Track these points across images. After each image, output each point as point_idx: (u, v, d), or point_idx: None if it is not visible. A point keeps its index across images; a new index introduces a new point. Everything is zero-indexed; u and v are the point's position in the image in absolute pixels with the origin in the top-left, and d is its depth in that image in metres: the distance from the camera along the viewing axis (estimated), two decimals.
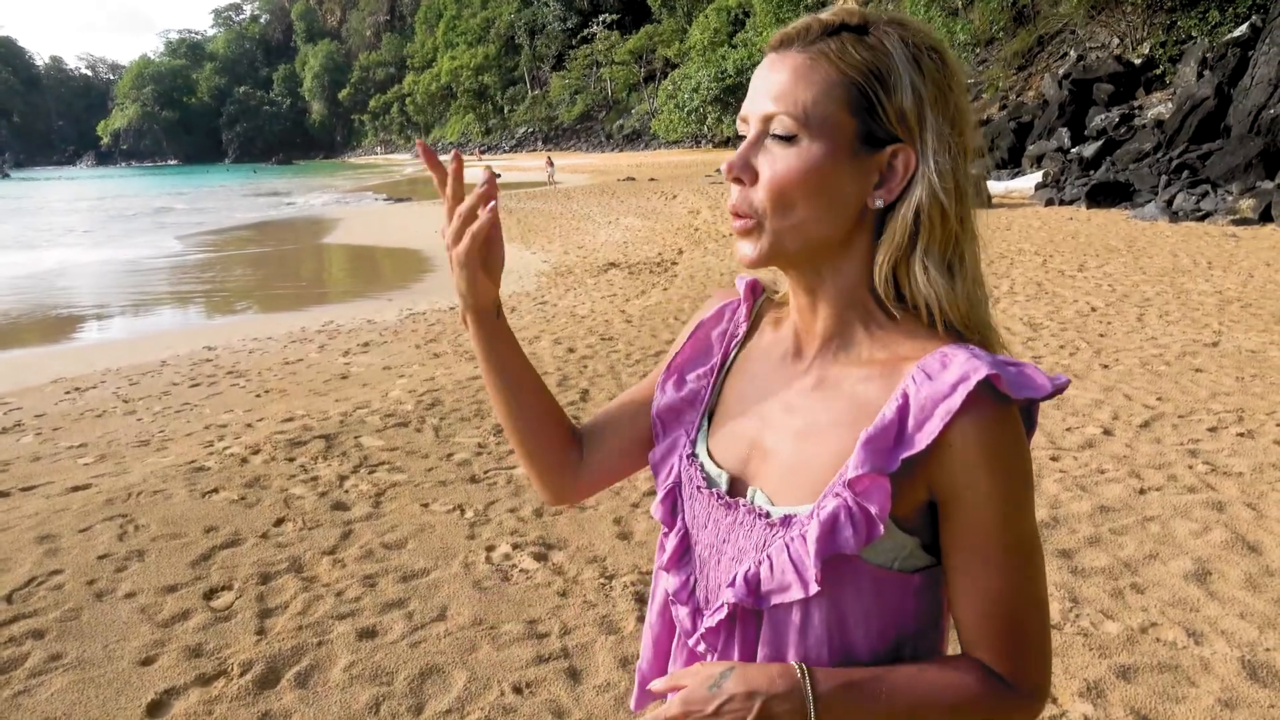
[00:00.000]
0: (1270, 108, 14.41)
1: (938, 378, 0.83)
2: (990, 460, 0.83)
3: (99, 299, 14.13)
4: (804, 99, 0.85)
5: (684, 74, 56.65)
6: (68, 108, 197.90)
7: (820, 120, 0.84)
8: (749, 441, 0.97)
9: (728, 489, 0.97)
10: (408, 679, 2.79)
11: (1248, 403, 5.08)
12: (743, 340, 1.05)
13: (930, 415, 0.83)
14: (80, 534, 3.96)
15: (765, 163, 0.86)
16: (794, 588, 0.89)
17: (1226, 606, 2.99)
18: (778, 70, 0.87)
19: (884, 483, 0.84)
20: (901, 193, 0.87)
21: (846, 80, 0.84)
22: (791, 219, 0.86)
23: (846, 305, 0.91)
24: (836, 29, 0.86)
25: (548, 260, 14.24)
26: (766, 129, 0.87)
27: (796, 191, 0.85)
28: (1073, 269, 9.74)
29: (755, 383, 1.00)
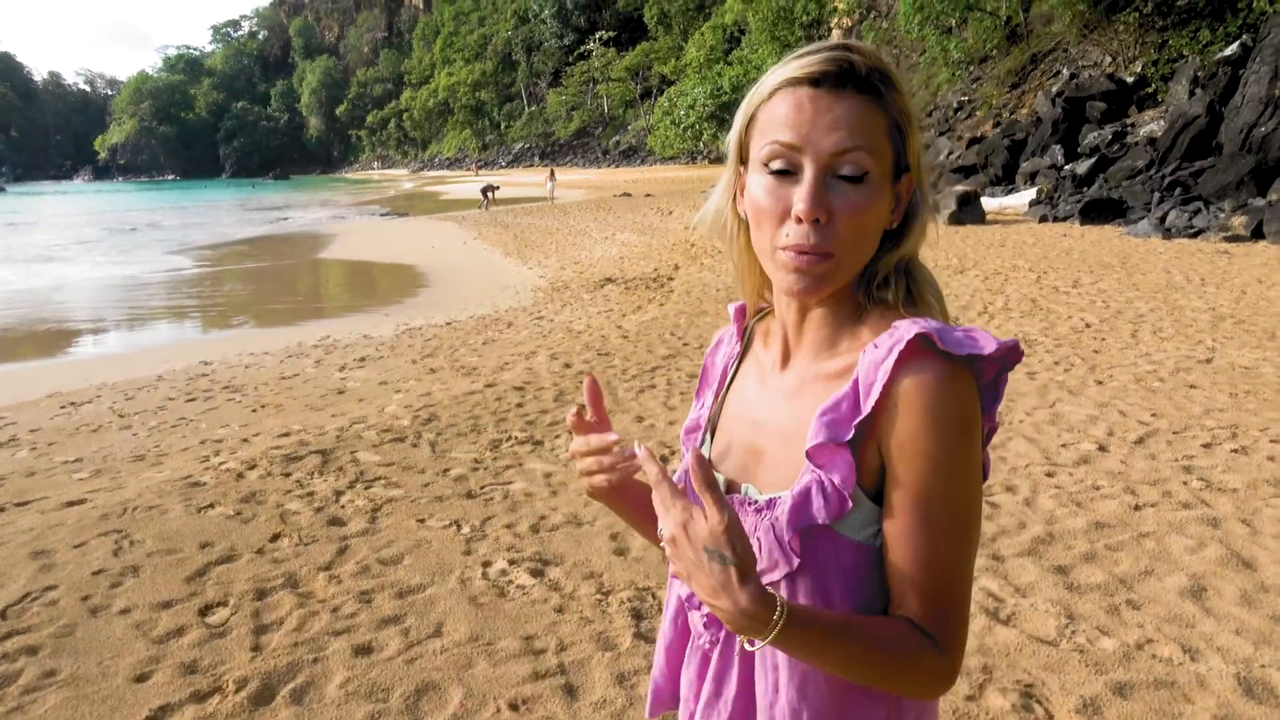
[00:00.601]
0: (1261, 125, 14.53)
1: (882, 345, 0.89)
2: (929, 414, 0.86)
3: (95, 313, 14.12)
4: (874, 140, 0.90)
5: (680, 91, 56.88)
6: (65, 122, 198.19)
7: (882, 159, 0.91)
8: (745, 448, 1.03)
9: (725, 489, 1.03)
10: (404, 696, 2.78)
11: (1241, 419, 5.10)
12: (739, 359, 1.13)
13: (874, 380, 0.88)
14: (75, 549, 3.94)
15: (840, 201, 0.90)
16: (780, 565, 0.94)
17: (1222, 623, 2.99)
18: (839, 109, 0.89)
19: (845, 453, 0.89)
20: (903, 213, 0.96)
21: (890, 121, 0.92)
22: (862, 253, 0.93)
23: (838, 310, 0.98)
24: (872, 71, 0.91)
25: (544, 275, 14.26)
26: (832, 165, 0.89)
27: (871, 227, 0.92)
28: (1067, 285, 9.78)
29: (748, 396, 1.07)
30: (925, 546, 0.88)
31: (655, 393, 6.34)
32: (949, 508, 0.88)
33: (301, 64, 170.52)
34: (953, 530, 0.88)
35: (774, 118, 0.92)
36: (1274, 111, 14.44)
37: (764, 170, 0.92)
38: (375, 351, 8.78)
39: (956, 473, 0.87)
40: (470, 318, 10.67)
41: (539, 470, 4.83)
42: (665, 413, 5.81)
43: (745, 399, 1.07)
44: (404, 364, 8.03)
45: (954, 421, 0.86)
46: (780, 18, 42.79)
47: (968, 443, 0.87)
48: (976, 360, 0.88)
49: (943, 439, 0.86)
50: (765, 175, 0.92)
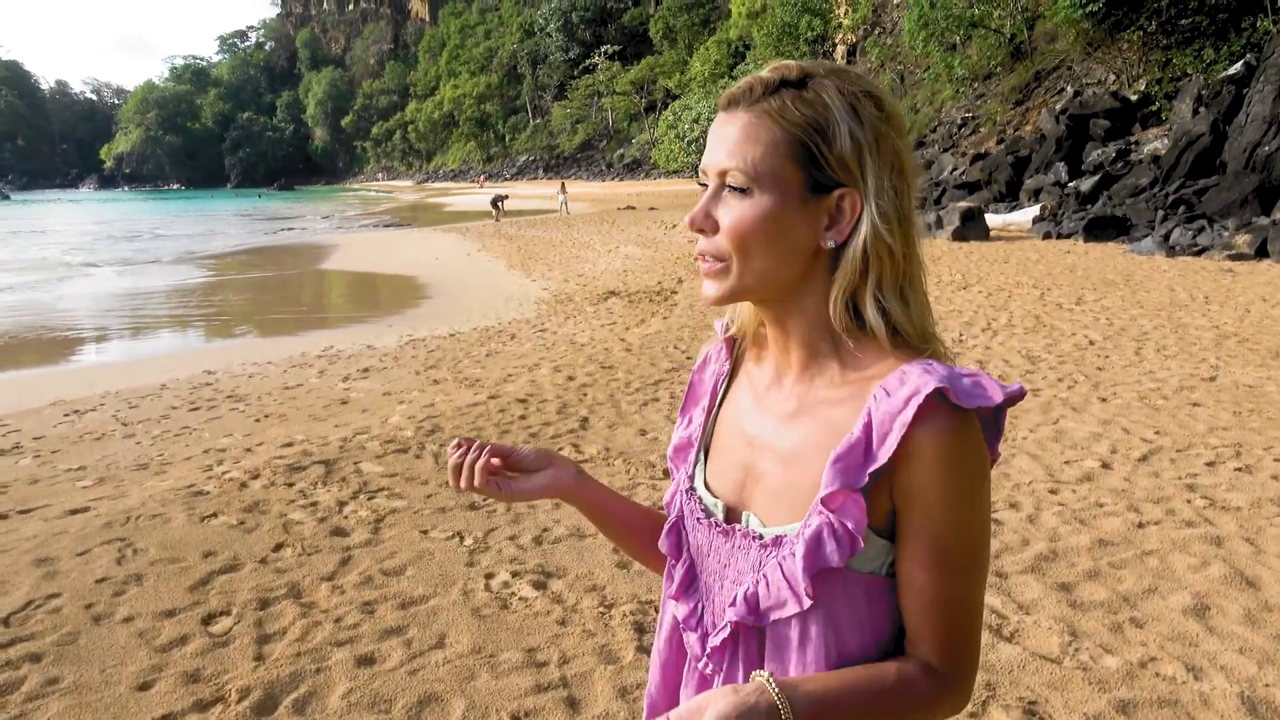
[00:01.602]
0: (1265, 144, 14.56)
1: (895, 394, 0.90)
2: (943, 466, 0.89)
3: (99, 321, 14.16)
4: (752, 156, 0.92)
5: (684, 105, 57.05)
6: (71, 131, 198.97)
7: (768, 174, 0.92)
8: (743, 469, 1.04)
9: (724, 517, 1.04)
10: (406, 707, 2.78)
11: (1245, 437, 5.10)
12: (729, 377, 1.13)
13: (890, 430, 0.89)
14: (78, 557, 3.95)
15: (724, 213, 0.95)
16: (789, 603, 0.95)
17: (1225, 642, 2.99)
18: (727, 128, 0.95)
19: (857, 498, 0.91)
20: (851, 232, 0.94)
21: (789, 136, 0.92)
22: (755, 263, 0.94)
23: (816, 335, 0.98)
24: (777, 86, 0.93)
25: (548, 288, 14.29)
26: (723, 182, 0.95)
27: (753, 237, 0.93)
28: (1070, 302, 9.79)
29: (743, 414, 1.07)
30: (940, 589, 0.92)
31: (659, 406, 6.35)
32: (962, 552, 0.92)
33: (307, 75, 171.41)
34: (966, 572, 0.93)
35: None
36: (1278, 131, 14.48)
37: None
38: (379, 362, 8.80)
39: (969, 518, 0.92)
40: (474, 329, 10.69)
41: None
42: (668, 426, 5.82)
43: (740, 416, 1.07)
44: (407, 375, 8.05)
45: (966, 470, 0.90)
46: (785, 33, 43.00)
47: (978, 488, 0.92)
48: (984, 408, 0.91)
49: (956, 488, 0.90)
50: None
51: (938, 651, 0.94)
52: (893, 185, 0.93)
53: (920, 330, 0.96)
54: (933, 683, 0.93)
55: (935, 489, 0.89)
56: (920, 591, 0.93)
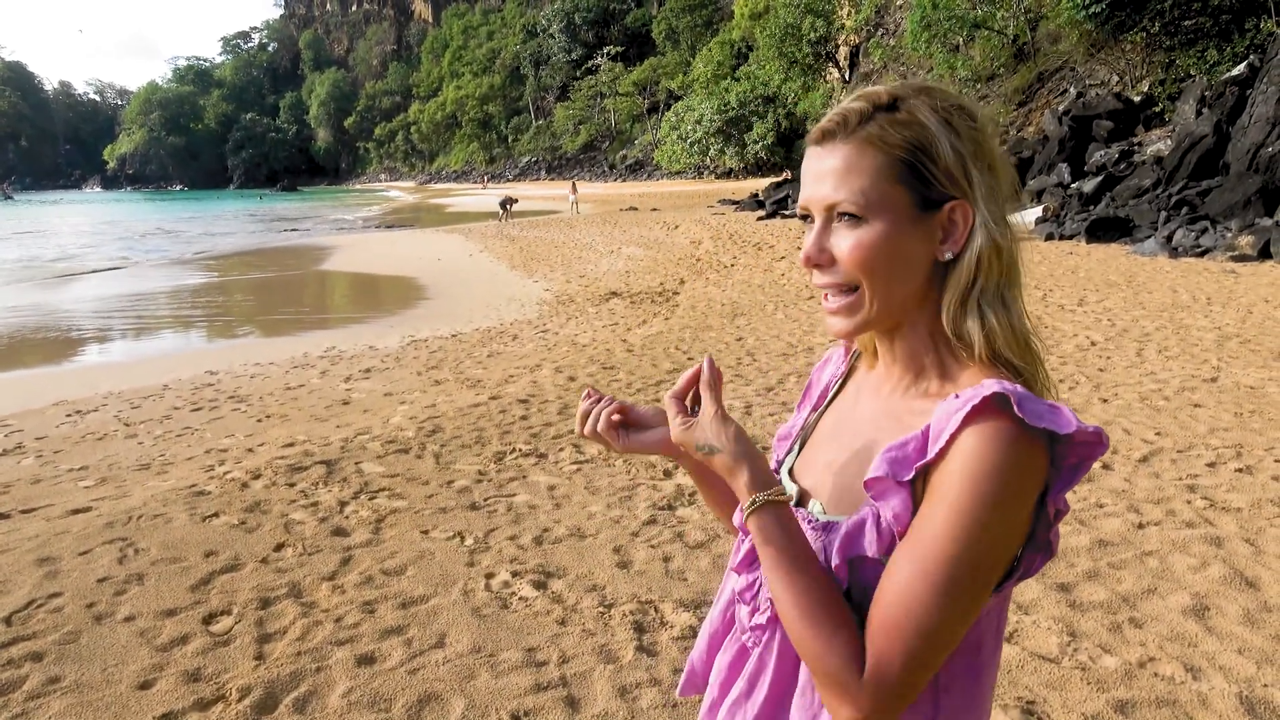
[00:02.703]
0: (1268, 146, 14.54)
1: (962, 398, 0.89)
2: (970, 468, 0.85)
3: (101, 322, 14.18)
4: (860, 184, 0.94)
5: (687, 106, 57.13)
6: (75, 132, 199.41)
7: (878, 199, 0.94)
8: (824, 463, 1.07)
9: (796, 501, 1.06)
10: (406, 706, 2.79)
11: (1246, 438, 5.10)
12: (843, 379, 1.18)
13: (944, 427, 0.89)
14: (80, 557, 3.96)
15: (840, 243, 0.96)
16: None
17: (1224, 642, 2.99)
18: (827, 161, 0.97)
19: (901, 491, 0.91)
20: (965, 241, 0.96)
21: (892, 159, 0.94)
22: (881, 286, 0.96)
23: (921, 350, 1.01)
24: (870, 113, 0.95)
25: (549, 289, 14.30)
26: (831, 215, 0.97)
27: (879, 263, 0.95)
28: (1072, 303, 9.78)
29: (843, 415, 1.12)
30: (906, 591, 0.86)
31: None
32: (948, 563, 0.84)
33: (310, 76, 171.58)
34: (942, 586, 0.85)
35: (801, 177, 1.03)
36: None
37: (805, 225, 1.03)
38: (380, 363, 8.81)
39: (973, 533, 0.84)
40: (475, 330, 10.70)
41: (543, 483, 4.85)
42: None
43: (839, 418, 1.11)
44: (409, 375, 8.06)
45: (994, 482, 0.84)
46: (788, 34, 42.98)
47: (1001, 509, 0.85)
48: (1057, 439, 0.87)
49: (974, 495, 0.84)
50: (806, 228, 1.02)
51: (872, 643, 0.88)
52: (995, 190, 0.97)
53: (1022, 337, 0.96)
54: (851, 656, 0.88)
55: (953, 486, 0.85)
56: (887, 583, 0.88)
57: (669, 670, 2.95)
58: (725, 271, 14.71)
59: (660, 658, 3.03)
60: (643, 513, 4.35)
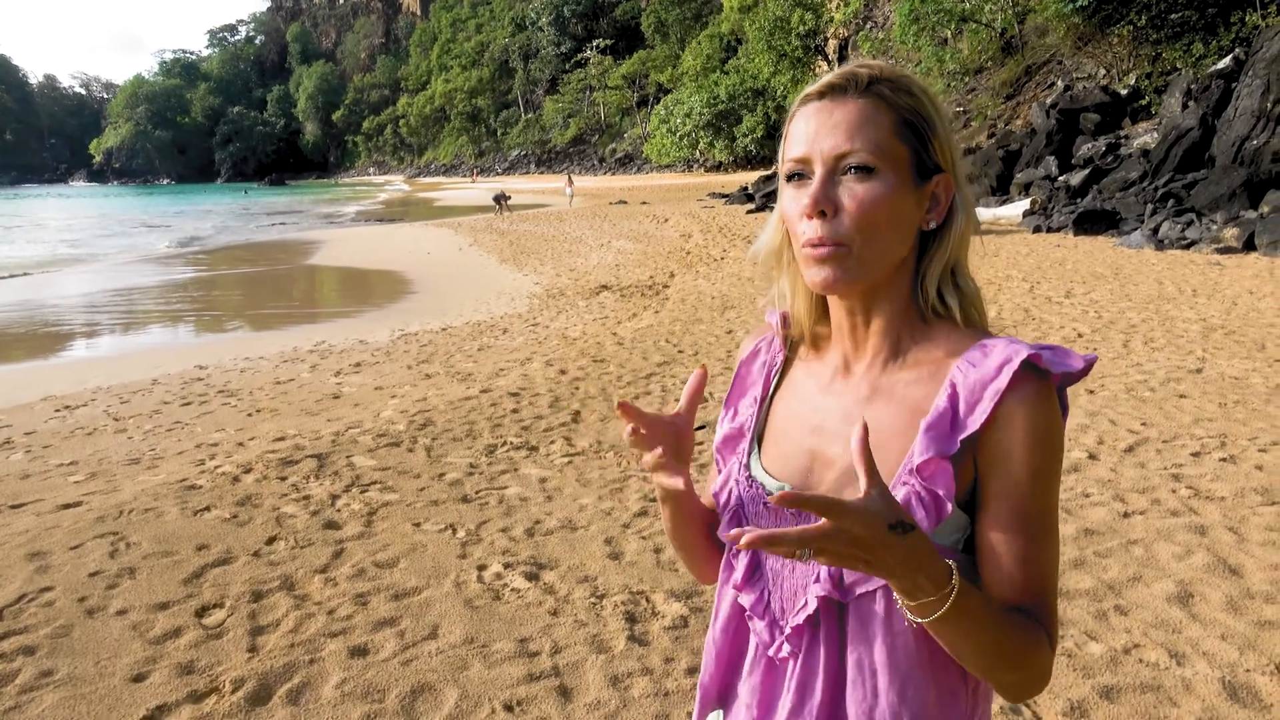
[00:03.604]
0: (1253, 138, 14.64)
1: (981, 364, 0.94)
2: (1031, 434, 0.92)
3: (89, 317, 14.11)
4: (876, 136, 0.95)
5: (676, 99, 57.07)
6: (60, 126, 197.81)
7: (891, 155, 0.96)
8: (809, 455, 1.05)
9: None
10: (399, 697, 2.81)
11: (1230, 428, 5.15)
12: (782, 368, 1.14)
13: (980, 398, 0.92)
14: (71, 551, 3.96)
15: (847, 195, 0.95)
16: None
17: (1208, 628, 3.03)
18: (838, 112, 0.96)
19: (947, 466, 0.93)
20: (946, 214, 0.99)
21: (901, 119, 0.97)
22: (877, 244, 0.96)
23: (898, 319, 1.01)
24: (877, 78, 0.97)
25: (539, 282, 14.30)
26: (838, 166, 0.96)
27: (882, 218, 0.95)
28: (1060, 295, 9.84)
29: (806, 402, 1.08)
30: (1027, 551, 0.94)
31: (650, 399, 6.37)
32: (1043, 516, 0.94)
33: (298, 69, 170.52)
34: (1048, 535, 0.95)
35: (791, 135, 1.00)
36: (1266, 124, 14.56)
37: (786, 183, 1.00)
38: (371, 357, 8.80)
39: (1050, 484, 0.94)
40: (466, 324, 10.70)
41: (534, 475, 4.86)
42: None
43: (801, 405, 1.08)
44: (400, 369, 8.06)
45: (1051, 438, 0.93)
46: (777, 27, 43.00)
47: (1058, 456, 0.94)
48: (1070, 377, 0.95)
49: (1041, 455, 0.92)
50: (788, 187, 1.00)
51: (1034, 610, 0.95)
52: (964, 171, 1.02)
53: (982, 301, 1.02)
54: (1042, 632, 0.95)
55: (1021, 456, 0.92)
56: (1006, 558, 0.94)
57: (660, 660, 2.97)
58: (715, 264, 14.73)
59: (652, 647, 3.06)
60: (634, 504, 4.37)
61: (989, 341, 0.96)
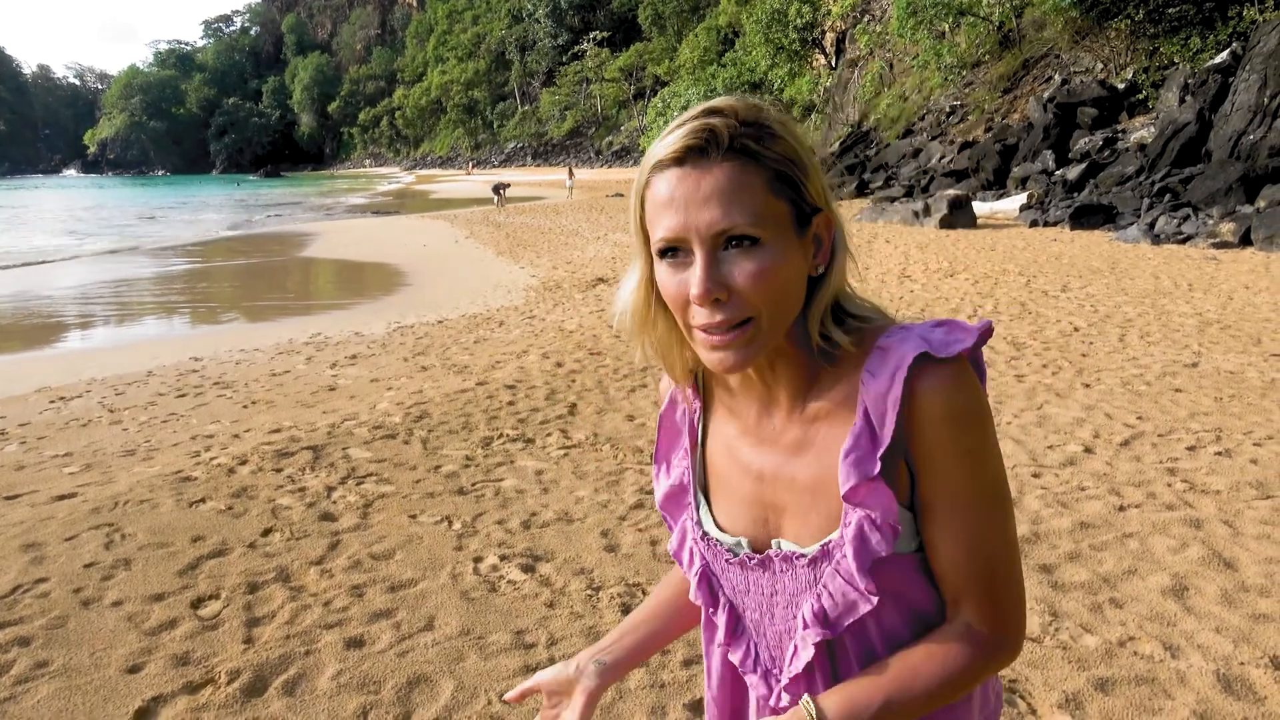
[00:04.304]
0: (1250, 133, 14.65)
1: (879, 373, 0.91)
2: (948, 421, 0.90)
3: (84, 308, 14.07)
4: (752, 203, 0.87)
5: (673, 92, 56.90)
6: (54, 117, 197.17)
7: (772, 217, 0.88)
8: (759, 504, 1.02)
9: (751, 551, 1.02)
10: (395, 688, 2.80)
11: (1226, 422, 5.16)
12: (703, 415, 1.09)
13: (884, 409, 0.90)
14: (66, 542, 3.95)
15: (737, 272, 0.87)
16: (859, 604, 0.95)
17: (1203, 621, 3.04)
18: (706, 184, 0.87)
19: (877, 484, 0.91)
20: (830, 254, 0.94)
21: (775, 175, 0.88)
22: (782, 308, 0.91)
23: (802, 364, 0.97)
24: (738, 129, 0.88)
25: (536, 275, 14.28)
26: (718, 242, 0.87)
27: (779, 287, 0.89)
28: (1056, 289, 9.85)
29: (737, 452, 1.03)
30: (971, 543, 0.92)
31: (647, 392, 6.37)
32: (984, 495, 0.91)
33: (294, 60, 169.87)
34: (992, 514, 0.92)
35: (654, 206, 0.91)
36: (1263, 119, 14.57)
37: (660, 260, 0.92)
38: (366, 349, 8.79)
39: (982, 460, 0.91)
40: (462, 316, 10.68)
41: (530, 467, 4.86)
42: (656, 411, 5.84)
43: (736, 452, 1.03)
44: (395, 362, 8.04)
45: (970, 415, 0.90)
46: (775, 20, 42.86)
47: (985, 429, 0.91)
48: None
49: (963, 435, 0.90)
50: (662, 265, 0.92)
51: (979, 609, 0.93)
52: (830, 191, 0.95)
53: (880, 311, 0.98)
54: (973, 647, 0.93)
55: (945, 444, 0.90)
56: (951, 551, 0.92)
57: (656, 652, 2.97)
58: None
59: None
60: (629, 497, 4.37)
61: (884, 341, 0.92)
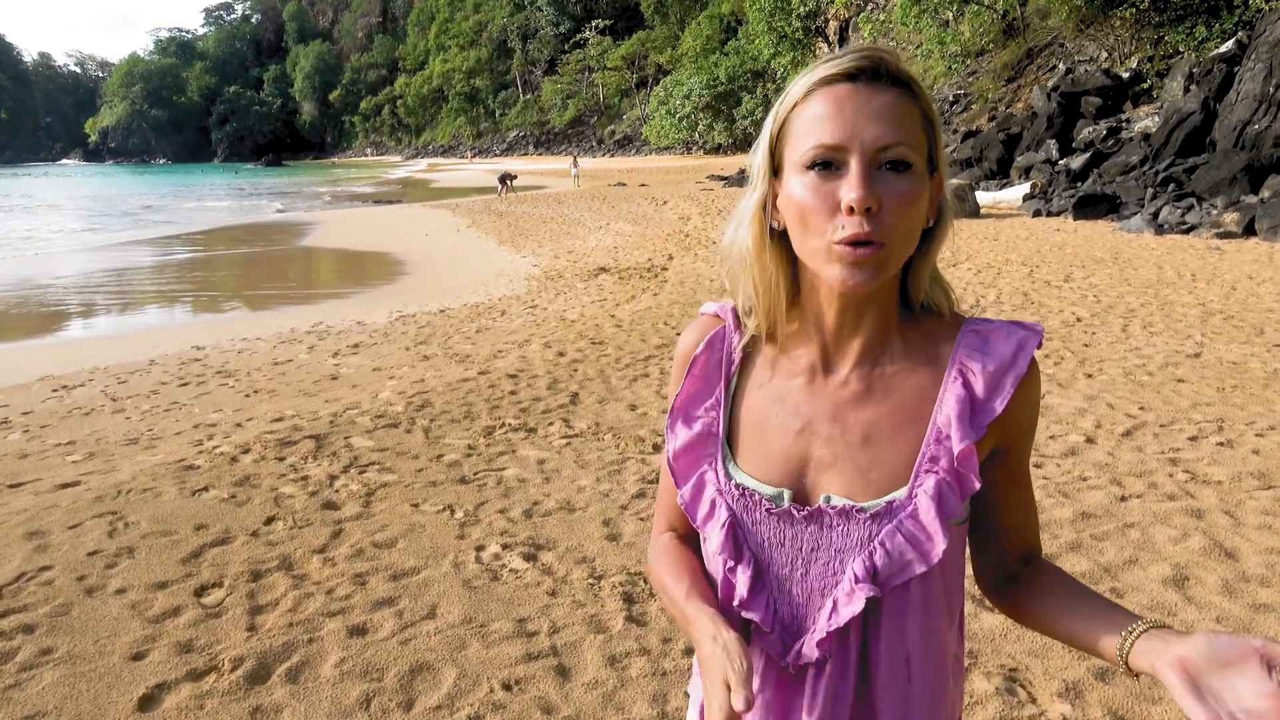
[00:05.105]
0: (1255, 123, 14.59)
1: (993, 351, 0.98)
2: (1034, 403, 1.01)
3: (86, 297, 14.07)
4: (912, 132, 0.92)
5: (676, 80, 56.80)
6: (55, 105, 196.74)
7: (921, 151, 0.93)
8: (798, 458, 1.00)
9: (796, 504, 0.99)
10: (398, 675, 2.82)
11: (1228, 413, 5.16)
12: (740, 365, 1.06)
13: (1002, 383, 0.97)
14: (70, 530, 3.97)
15: (889, 191, 0.89)
16: (914, 564, 0.96)
17: (1203, 611, 3.05)
18: (876, 101, 0.90)
19: (973, 449, 0.96)
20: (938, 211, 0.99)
21: (923, 117, 0.94)
22: (908, 243, 0.93)
23: (887, 314, 1.00)
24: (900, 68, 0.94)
25: (538, 264, 14.27)
26: (879, 158, 0.89)
27: (916, 216, 0.93)
28: (1059, 279, 9.83)
29: (782, 403, 1.02)
30: (1030, 499, 1.08)
31: (649, 381, 6.37)
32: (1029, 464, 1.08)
33: (295, 48, 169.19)
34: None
35: (812, 118, 0.91)
36: (1268, 109, 14.50)
37: (805, 171, 0.91)
38: (369, 338, 8.79)
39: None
40: (464, 305, 10.67)
41: (532, 457, 4.87)
42: (658, 401, 5.85)
43: (782, 406, 1.02)
44: (397, 351, 8.05)
45: (1039, 400, 1.03)
46: (778, 8, 42.68)
47: None
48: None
49: (1036, 416, 1.03)
50: (808, 174, 0.91)
51: (1037, 542, 1.09)
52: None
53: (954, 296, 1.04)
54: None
55: (1028, 423, 1.01)
56: (1023, 505, 1.06)
57: (658, 640, 2.99)
58: (714, 247, 14.69)
59: (649, 628, 3.07)
60: (631, 486, 4.38)
61: (979, 327, 1.00)
